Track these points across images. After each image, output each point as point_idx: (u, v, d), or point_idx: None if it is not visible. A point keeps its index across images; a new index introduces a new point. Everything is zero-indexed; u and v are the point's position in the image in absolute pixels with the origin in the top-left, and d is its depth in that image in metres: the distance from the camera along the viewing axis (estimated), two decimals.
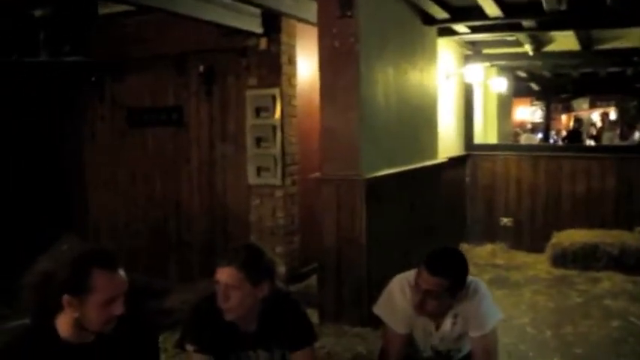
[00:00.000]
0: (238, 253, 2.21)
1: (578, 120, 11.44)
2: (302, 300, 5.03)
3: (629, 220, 6.16)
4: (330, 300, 3.86)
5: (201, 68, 5.54)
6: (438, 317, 2.43)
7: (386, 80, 4.15)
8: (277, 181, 5.16)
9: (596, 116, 12.39)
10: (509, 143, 8.16)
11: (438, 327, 2.48)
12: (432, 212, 5.06)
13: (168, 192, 5.91)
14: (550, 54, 6.68)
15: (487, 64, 7.06)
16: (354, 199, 3.73)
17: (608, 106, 12.14)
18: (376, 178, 3.82)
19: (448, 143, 6.25)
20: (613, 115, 12.14)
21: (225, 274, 2.15)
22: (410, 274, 2.47)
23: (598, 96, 12.11)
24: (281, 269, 5.23)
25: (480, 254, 6.60)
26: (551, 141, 11.81)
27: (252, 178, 5.29)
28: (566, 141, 10.94)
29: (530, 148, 7.23)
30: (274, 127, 5.11)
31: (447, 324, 2.46)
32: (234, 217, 5.58)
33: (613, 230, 6.11)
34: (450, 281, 2.28)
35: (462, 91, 6.83)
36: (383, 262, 3.95)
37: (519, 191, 6.68)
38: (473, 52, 6.82)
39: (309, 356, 2.31)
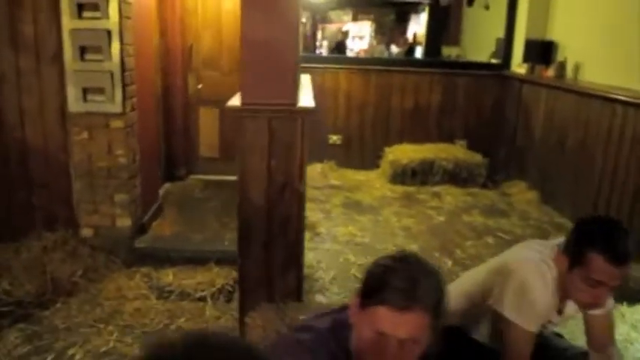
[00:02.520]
0: (422, 279, 1.27)
1: (344, 32, 11.57)
2: (156, 261, 4.02)
3: (450, 133, 6.39)
4: (258, 278, 2.98)
5: None
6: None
7: None
8: (116, 108, 3.79)
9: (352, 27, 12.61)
10: (341, 55, 7.67)
11: (560, 311, 1.96)
12: None
13: None
14: None
15: None
16: (293, 134, 2.84)
17: (369, 19, 12.52)
18: (311, 108, 2.95)
19: None
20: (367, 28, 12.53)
21: (408, 324, 1.24)
22: (536, 256, 1.87)
23: (360, 9, 12.33)
24: (125, 222, 4.03)
25: (311, 175, 6.16)
26: (319, 52, 11.71)
27: (74, 104, 3.80)
28: (335, 52, 10.94)
29: (361, 61, 6.88)
30: (109, 33, 3.67)
31: (573, 307, 1.95)
32: (41, 158, 4.03)
33: (439, 144, 6.28)
34: (629, 265, 1.75)
35: None
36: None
37: (349, 107, 6.34)
38: None
39: None
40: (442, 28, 8.93)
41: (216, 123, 5.51)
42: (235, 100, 2.95)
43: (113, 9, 3.63)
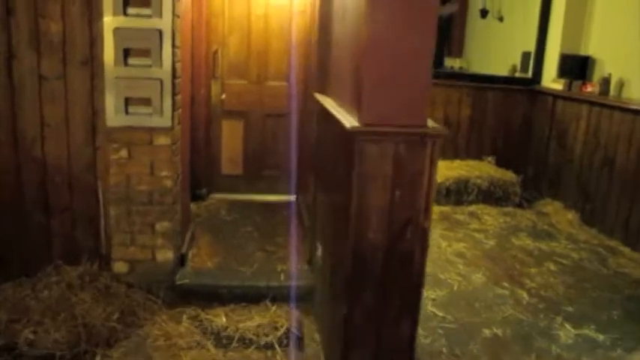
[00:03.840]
0: None
1: None
2: (202, 299, 3.47)
3: (478, 149, 6.08)
4: (366, 327, 2.50)
5: None
6: None
7: None
8: (165, 122, 3.23)
9: None
10: None
11: None
12: None
13: None
14: None
15: None
16: (422, 161, 2.39)
17: None
18: (443, 131, 2.50)
19: None
20: None
21: None
22: None
23: None
24: (167, 255, 3.46)
25: None
26: None
27: (113, 117, 3.21)
28: None
29: None
30: (161, 33, 3.12)
31: None
32: (62, 179, 3.42)
33: (468, 161, 5.96)
34: None
35: None
36: None
37: None
38: None
39: None
40: (444, 40, 8.67)
41: (240, 137, 4.97)
42: (346, 118, 2.47)
43: (166, 5, 3.08)
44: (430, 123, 2.43)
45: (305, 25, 4.67)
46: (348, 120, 2.44)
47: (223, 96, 4.87)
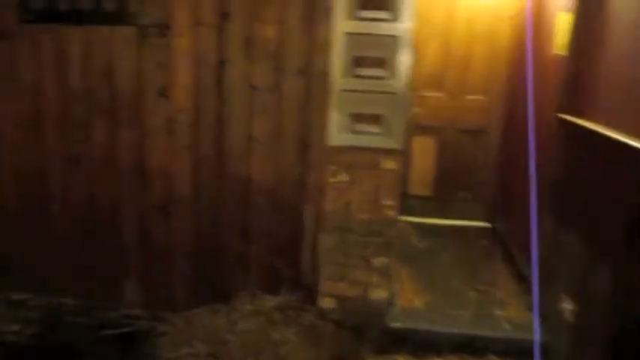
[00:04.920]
0: None
1: None
2: (415, 346, 2.96)
3: None
4: None
5: None
6: None
7: None
8: (393, 143, 2.79)
9: None
10: None
11: None
12: None
13: (121, 152, 3.09)
14: None
15: None
16: None
17: None
18: None
19: None
20: None
21: None
22: None
23: None
24: (381, 294, 3.00)
25: None
26: None
27: (336, 136, 2.82)
28: None
29: None
30: (397, 40, 2.67)
31: None
32: (267, 201, 3.08)
33: None
34: None
35: None
36: None
37: None
38: None
39: None
40: None
41: (432, 154, 4.46)
42: None
43: (406, 8, 2.63)
44: None
45: (512, 31, 4.10)
46: None
47: (417, 109, 4.38)
